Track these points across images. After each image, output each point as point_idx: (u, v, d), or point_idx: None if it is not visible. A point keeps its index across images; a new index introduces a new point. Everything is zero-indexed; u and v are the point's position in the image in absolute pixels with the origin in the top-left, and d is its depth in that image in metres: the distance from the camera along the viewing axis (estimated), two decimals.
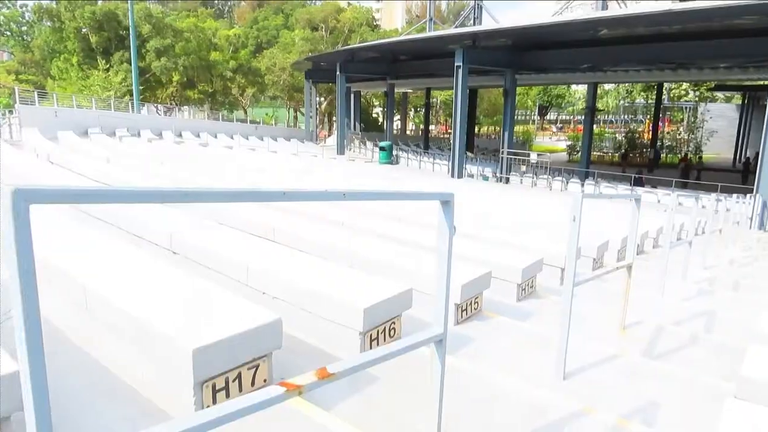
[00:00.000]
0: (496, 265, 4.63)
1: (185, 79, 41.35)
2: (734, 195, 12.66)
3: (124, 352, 2.55)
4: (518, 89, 53.40)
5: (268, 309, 2.60)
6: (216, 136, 30.06)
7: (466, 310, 3.89)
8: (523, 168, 23.39)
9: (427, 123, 42.09)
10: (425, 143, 38.01)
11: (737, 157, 37.10)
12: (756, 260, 8.58)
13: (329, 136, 40.71)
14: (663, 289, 5.21)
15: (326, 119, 51.22)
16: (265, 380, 2.43)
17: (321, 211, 6.73)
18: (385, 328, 3.14)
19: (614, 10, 26.25)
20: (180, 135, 27.81)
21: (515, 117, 55.10)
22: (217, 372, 2.20)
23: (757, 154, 16.23)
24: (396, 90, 40.02)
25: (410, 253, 4.51)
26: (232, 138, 30.38)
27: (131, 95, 32.81)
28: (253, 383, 2.37)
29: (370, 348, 3.03)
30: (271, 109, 58.68)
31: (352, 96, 38.96)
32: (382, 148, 27.97)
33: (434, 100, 60.40)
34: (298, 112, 53.94)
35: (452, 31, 27.37)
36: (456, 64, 20.98)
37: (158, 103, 40.81)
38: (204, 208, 5.92)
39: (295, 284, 3.35)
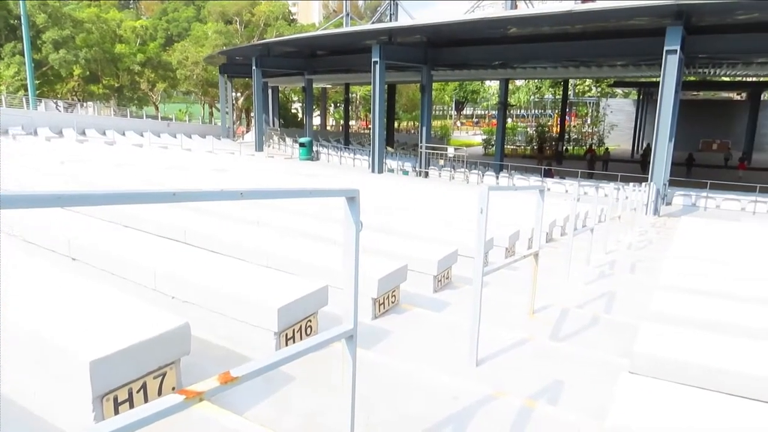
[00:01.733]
0: (412, 258, 4.72)
1: (88, 73, 38.68)
2: (631, 184, 13.67)
3: (14, 368, 2.35)
4: (435, 85, 54.71)
5: (177, 314, 2.50)
6: (124, 134, 28.47)
7: (383, 303, 3.93)
8: (442, 162, 23.98)
9: (346, 118, 42.06)
10: (345, 139, 37.98)
11: (635, 148, 40.07)
12: (651, 243, 9.32)
13: (247, 132, 39.71)
14: (568, 274, 5.54)
15: (244, 115, 49.84)
16: (173, 388, 2.33)
17: (237, 210, 6.55)
18: (301, 326, 3.11)
19: (522, 10, 27.45)
20: (83, 133, 26.07)
21: (433, 112, 56.39)
22: (118, 384, 2.09)
23: (649, 145, 17.62)
24: (315, 85, 39.64)
25: (328, 249, 4.50)
26: (142, 136, 28.89)
27: (26, 90, 30.28)
28: (160, 392, 2.27)
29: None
30: (184, 105, 56.30)
31: (269, 91, 38.16)
32: (301, 144, 27.64)
33: (354, 95, 60.47)
34: (213, 108, 52.10)
35: (369, 27, 27.48)
36: (373, 60, 21.11)
37: (58, 98, 37.93)
38: (109, 211, 5.58)
39: (207, 286, 3.24)
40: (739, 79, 35.88)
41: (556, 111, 48.36)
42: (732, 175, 25.62)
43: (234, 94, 42.88)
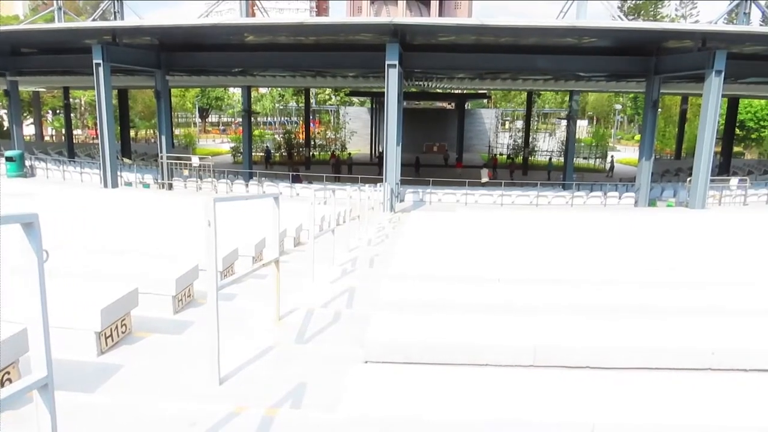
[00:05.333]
0: (147, 278, 4.34)
1: None
2: (367, 185, 14.97)
3: None
4: (175, 91, 51.51)
5: None
6: None
7: (111, 336, 3.50)
8: (186, 172, 22.69)
9: (68, 127, 36.67)
10: (69, 150, 33.17)
11: (372, 152, 44.00)
12: (387, 237, 10.32)
13: None
14: (313, 275, 5.75)
15: None
16: None
17: None
18: None
19: (258, 18, 27.70)
20: None
21: (175, 120, 52.95)
22: None
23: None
24: (23, 88, 33.62)
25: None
26: None
27: None
28: None
29: None
30: None
31: None
32: (9, 159, 23.11)
33: (77, 101, 53.17)
34: None
35: (86, 24, 24.37)
36: (95, 62, 18.78)
37: None
38: None
39: None
40: (449, 91, 42.30)
41: (301, 118, 50.15)
42: (451, 173, 30.11)
43: None
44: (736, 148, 41.16)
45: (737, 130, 39.96)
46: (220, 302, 4.43)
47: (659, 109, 26.23)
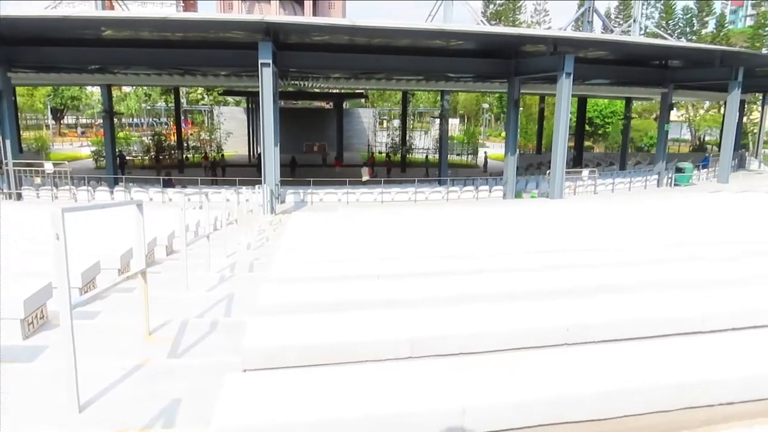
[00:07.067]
0: None
1: None
2: (246, 187, 14.54)
3: None
4: (21, 90, 46.11)
5: None
6: None
7: None
8: (38, 180, 20.42)
9: None
10: None
11: (251, 153, 42.77)
12: (267, 240, 10.10)
13: None
14: (187, 284, 5.45)
15: None
16: None
17: None
18: None
19: (117, 12, 25.71)
20: None
21: (23, 121, 47.36)
22: None
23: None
24: None
25: None
26: None
27: None
28: None
29: None
30: None
31: None
32: None
33: None
34: None
35: None
36: None
37: None
38: None
39: None
40: (326, 90, 42.34)
41: (172, 119, 47.36)
42: (330, 172, 30.20)
43: None
44: (586, 143, 45.80)
45: (587, 127, 44.55)
46: (81, 321, 4.07)
47: (521, 108, 28.42)
